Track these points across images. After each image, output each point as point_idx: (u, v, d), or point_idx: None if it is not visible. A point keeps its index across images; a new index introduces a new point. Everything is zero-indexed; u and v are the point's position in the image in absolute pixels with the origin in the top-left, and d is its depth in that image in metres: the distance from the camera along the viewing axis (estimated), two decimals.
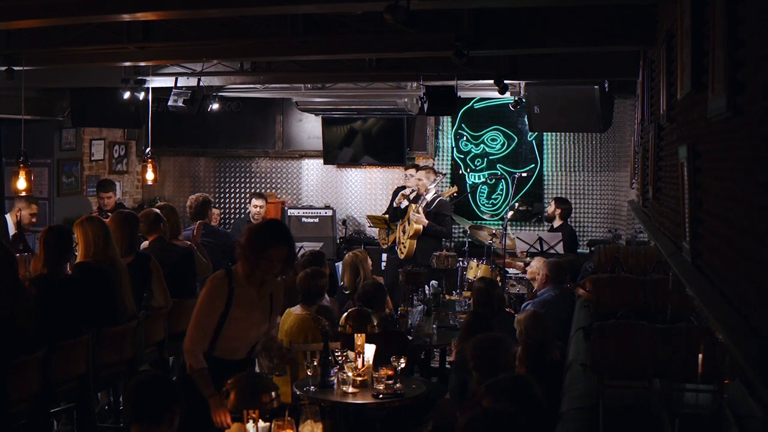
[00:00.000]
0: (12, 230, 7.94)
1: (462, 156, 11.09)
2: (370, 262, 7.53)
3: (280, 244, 4.27)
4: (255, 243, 4.25)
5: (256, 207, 9.75)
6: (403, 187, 9.89)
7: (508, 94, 8.72)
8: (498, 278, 7.89)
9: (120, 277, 5.59)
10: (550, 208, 9.50)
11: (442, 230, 9.21)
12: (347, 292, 7.11)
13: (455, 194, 10.25)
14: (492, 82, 7.69)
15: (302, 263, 6.74)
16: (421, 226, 9.03)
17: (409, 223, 9.18)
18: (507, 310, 6.92)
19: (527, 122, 9.61)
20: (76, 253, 5.74)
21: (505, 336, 4.81)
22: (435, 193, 9.29)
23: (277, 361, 4.62)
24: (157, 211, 6.83)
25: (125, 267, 5.69)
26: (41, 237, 5.30)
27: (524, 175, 10.39)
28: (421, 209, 9.09)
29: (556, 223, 9.39)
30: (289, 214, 11.00)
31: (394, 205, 9.73)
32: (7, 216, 8.24)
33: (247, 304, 4.30)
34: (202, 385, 4.15)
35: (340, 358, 5.07)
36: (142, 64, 8.09)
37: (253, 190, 11.53)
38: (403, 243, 9.23)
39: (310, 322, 5.61)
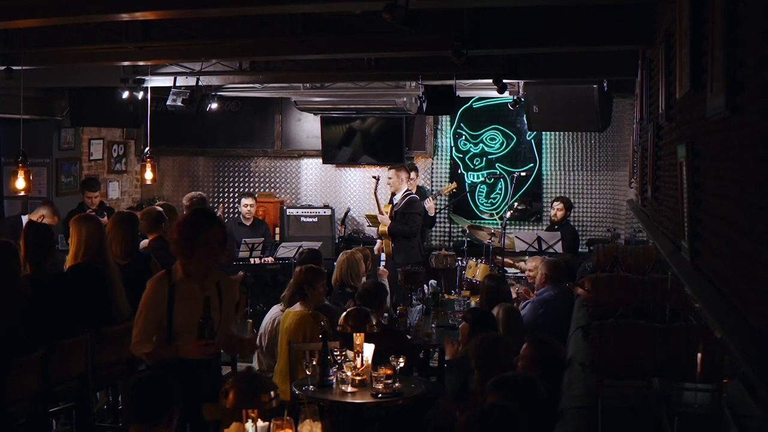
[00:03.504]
0: None
1: (461, 155, 11.09)
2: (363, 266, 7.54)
3: (212, 226, 4.28)
4: (186, 231, 4.25)
5: (246, 206, 9.88)
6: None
7: (506, 94, 8.72)
8: None
9: (113, 279, 5.56)
10: (560, 212, 9.37)
11: (404, 230, 9.12)
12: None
13: (454, 190, 10.26)
14: (491, 81, 7.70)
15: (300, 261, 6.76)
16: (386, 228, 9.07)
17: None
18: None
19: (526, 122, 9.61)
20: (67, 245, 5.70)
21: (506, 335, 4.82)
22: (406, 191, 9.29)
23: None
24: (160, 209, 6.81)
25: (117, 269, 5.66)
26: (22, 234, 5.26)
27: (523, 174, 10.40)
28: (387, 209, 9.15)
29: (562, 220, 9.40)
30: (287, 213, 11.00)
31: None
32: (24, 217, 8.31)
33: (190, 300, 4.26)
34: (166, 354, 4.21)
35: (339, 357, 5.07)
36: (141, 63, 8.08)
37: (252, 190, 11.54)
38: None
39: (309, 320, 5.61)
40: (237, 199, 11.83)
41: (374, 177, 9.70)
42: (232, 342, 4.54)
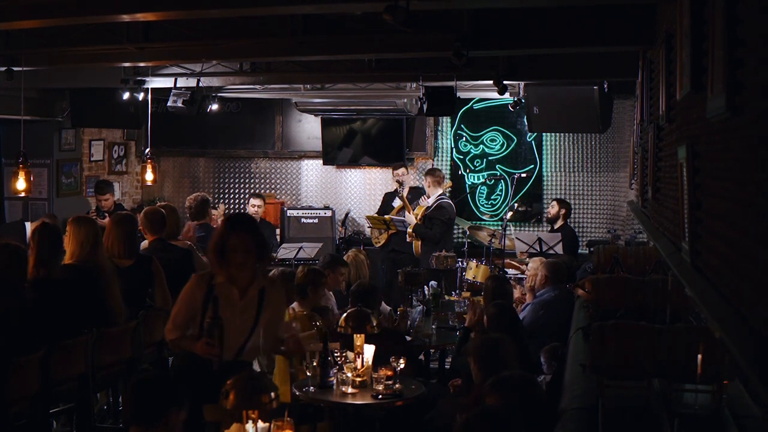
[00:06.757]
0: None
1: (461, 156, 11.09)
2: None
3: (238, 231, 4.20)
4: (216, 237, 4.25)
5: (254, 207, 9.88)
6: (393, 192, 9.95)
7: (507, 95, 8.72)
8: None
9: (107, 281, 5.53)
10: (554, 210, 9.45)
11: (426, 233, 9.16)
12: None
13: (449, 189, 10.30)
14: (491, 82, 7.70)
15: (322, 266, 6.78)
16: (411, 228, 9.10)
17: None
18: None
19: (526, 123, 9.61)
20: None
21: (507, 336, 4.81)
22: (440, 194, 9.29)
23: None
24: (163, 210, 6.78)
25: (113, 270, 5.63)
26: (32, 235, 5.27)
27: (523, 175, 10.40)
28: (420, 211, 9.14)
29: (558, 223, 9.41)
30: (288, 214, 10.99)
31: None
32: (28, 224, 8.35)
33: (226, 303, 4.23)
34: (185, 346, 4.26)
35: (339, 358, 5.07)
36: (142, 64, 8.09)
37: (252, 191, 11.54)
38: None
39: (304, 320, 5.61)
40: (238, 200, 11.85)
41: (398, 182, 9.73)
42: (276, 346, 4.54)
